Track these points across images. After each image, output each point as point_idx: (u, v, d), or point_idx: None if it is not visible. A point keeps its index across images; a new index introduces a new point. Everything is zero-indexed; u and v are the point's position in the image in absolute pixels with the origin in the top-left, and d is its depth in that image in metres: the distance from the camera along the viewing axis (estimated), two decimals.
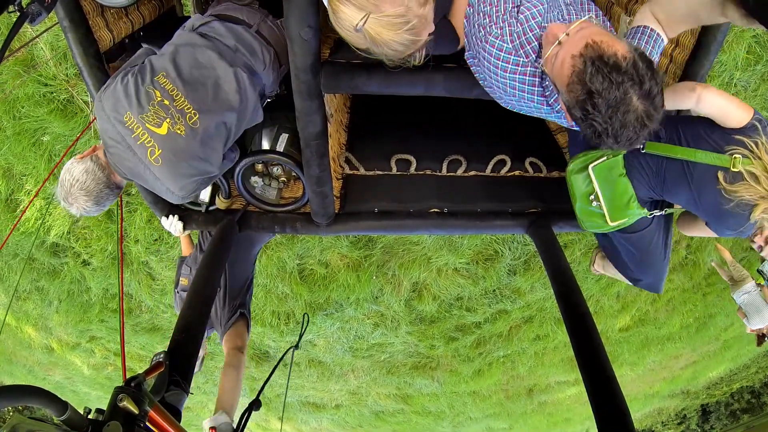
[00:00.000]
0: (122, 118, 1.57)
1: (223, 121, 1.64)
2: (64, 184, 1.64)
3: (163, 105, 1.58)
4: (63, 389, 8.87)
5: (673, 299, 7.10)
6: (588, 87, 1.13)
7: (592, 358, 1.49)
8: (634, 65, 1.12)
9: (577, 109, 1.18)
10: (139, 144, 1.58)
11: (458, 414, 9.11)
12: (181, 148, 1.60)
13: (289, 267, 4.98)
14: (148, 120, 1.57)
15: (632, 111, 1.13)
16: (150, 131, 1.57)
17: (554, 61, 1.22)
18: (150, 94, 1.59)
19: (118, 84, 1.60)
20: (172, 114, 1.58)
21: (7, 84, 3.76)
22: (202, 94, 1.62)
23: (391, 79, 1.56)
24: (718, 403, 16.53)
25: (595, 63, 1.12)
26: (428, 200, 2.16)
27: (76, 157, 1.68)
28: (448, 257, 4.91)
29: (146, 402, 1.07)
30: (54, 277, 5.39)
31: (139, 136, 1.57)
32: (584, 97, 1.15)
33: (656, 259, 1.92)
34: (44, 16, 1.37)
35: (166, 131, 1.58)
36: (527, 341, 6.67)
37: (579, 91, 1.15)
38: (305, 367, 7.04)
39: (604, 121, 1.15)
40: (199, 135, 1.61)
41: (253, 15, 1.84)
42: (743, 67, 3.88)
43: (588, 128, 1.19)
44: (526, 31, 1.35)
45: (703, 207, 1.71)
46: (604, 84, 1.11)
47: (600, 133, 1.17)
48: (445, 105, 2.51)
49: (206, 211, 2.10)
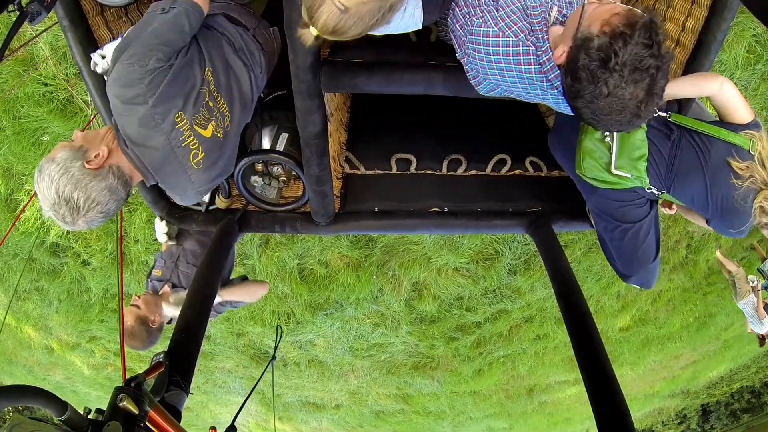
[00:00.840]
0: (173, 118, 1.40)
1: (245, 122, 1.63)
2: (74, 202, 1.31)
3: (208, 107, 1.49)
4: (63, 389, 8.87)
5: (674, 299, 7.10)
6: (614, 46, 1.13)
7: (592, 357, 1.49)
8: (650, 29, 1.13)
9: (587, 69, 1.16)
10: (184, 146, 1.44)
11: (458, 414, 9.11)
12: (219, 151, 1.53)
13: (289, 267, 4.98)
14: (197, 121, 1.45)
15: (646, 75, 1.14)
16: (197, 133, 1.45)
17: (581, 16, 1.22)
18: (202, 95, 1.46)
19: (165, 71, 1.37)
20: (216, 116, 1.51)
21: (7, 83, 3.76)
22: (233, 95, 1.58)
23: (392, 78, 1.55)
24: (718, 402, 16.54)
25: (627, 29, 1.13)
26: (428, 200, 2.16)
27: (84, 165, 1.33)
28: (448, 257, 4.91)
29: (146, 402, 1.07)
30: (54, 277, 5.39)
31: (186, 138, 1.44)
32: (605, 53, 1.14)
33: (649, 256, 1.91)
34: (44, 15, 1.36)
35: (210, 134, 1.49)
36: (527, 341, 6.67)
37: (606, 42, 1.14)
38: (305, 367, 7.04)
39: (616, 85, 1.14)
40: (231, 137, 1.56)
41: (251, 19, 1.83)
42: (743, 67, 3.89)
43: (589, 94, 1.18)
44: (509, 14, 1.38)
45: (712, 200, 1.70)
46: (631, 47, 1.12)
47: (600, 95, 1.16)
48: (445, 104, 2.51)
49: (206, 211, 2.10)
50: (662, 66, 1.15)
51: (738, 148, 1.64)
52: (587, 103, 1.19)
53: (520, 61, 1.37)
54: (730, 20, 1.63)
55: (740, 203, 1.64)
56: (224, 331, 6.19)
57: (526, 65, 1.37)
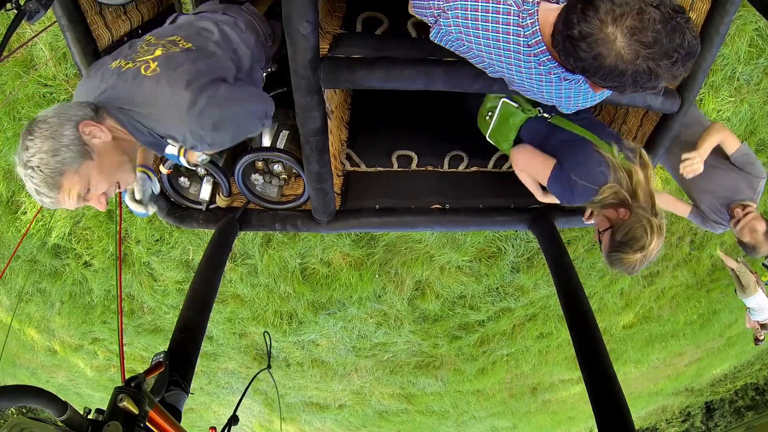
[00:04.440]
0: (110, 65, 1.41)
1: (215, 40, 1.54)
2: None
3: (151, 43, 1.45)
4: (66, 391, 8.88)
5: (677, 296, 7.09)
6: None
7: (592, 357, 1.48)
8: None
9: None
10: (130, 69, 1.37)
11: (462, 413, 9.10)
12: (178, 57, 1.40)
13: (291, 266, 4.98)
14: (140, 55, 1.40)
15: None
16: (143, 60, 1.38)
17: None
18: (136, 43, 1.48)
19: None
20: (163, 44, 1.44)
21: (7, 85, 3.76)
22: (191, 31, 1.54)
23: (392, 74, 1.54)
24: (722, 400, 16.53)
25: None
26: (430, 196, 2.15)
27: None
28: (450, 255, 4.90)
29: (146, 402, 1.06)
30: (56, 278, 5.39)
31: (130, 66, 1.38)
32: None
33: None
34: (42, 13, 1.36)
35: (161, 53, 1.40)
36: (531, 339, 6.66)
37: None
38: (308, 367, 7.03)
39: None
40: (194, 50, 1.45)
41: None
42: (746, 61, 3.87)
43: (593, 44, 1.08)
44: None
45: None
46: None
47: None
48: (446, 100, 2.50)
49: (207, 210, 2.09)
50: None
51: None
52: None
53: (498, 19, 1.26)
54: (732, 13, 1.61)
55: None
56: (226, 332, 6.19)
57: (505, 24, 1.26)
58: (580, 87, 1.36)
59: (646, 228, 1.57)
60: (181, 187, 2.07)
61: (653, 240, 1.58)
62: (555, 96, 1.40)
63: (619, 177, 1.65)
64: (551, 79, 1.33)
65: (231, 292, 5.46)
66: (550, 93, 1.39)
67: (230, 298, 5.53)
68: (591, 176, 1.71)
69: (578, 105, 1.45)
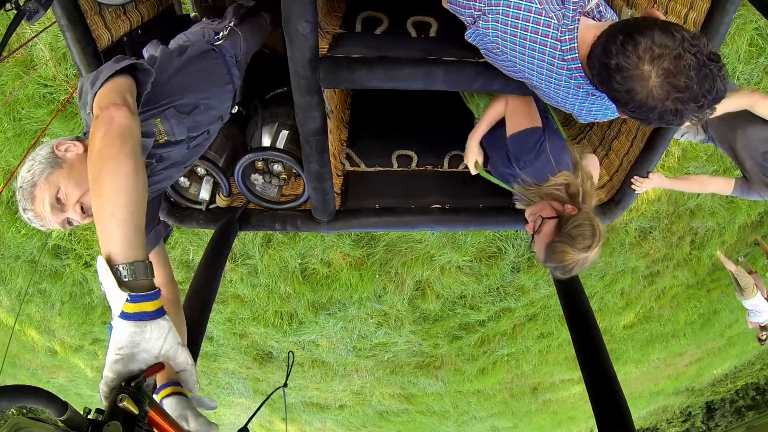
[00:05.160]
0: None
1: None
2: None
3: None
4: (67, 392, 8.89)
5: (678, 296, 7.09)
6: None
7: (592, 357, 1.48)
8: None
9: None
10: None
11: (463, 413, 9.11)
12: None
13: (291, 266, 4.98)
14: None
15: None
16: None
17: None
18: None
19: None
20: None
21: (7, 86, 3.76)
22: None
23: (391, 74, 1.54)
24: (722, 400, 16.53)
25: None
26: (430, 196, 2.14)
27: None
28: (451, 255, 4.90)
29: (146, 402, 1.06)
30: (56, 279, 5.39)
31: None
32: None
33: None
34: (42, 13, 1.36)
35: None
36: (531, 339, 6.66)
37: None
38: (308, 367, 7.04)
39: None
40: None
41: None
42: (746, 60, 3.87)
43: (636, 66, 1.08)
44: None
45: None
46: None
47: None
48: (446, 100, 2.49)
49: (207, 210, 2.09)
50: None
51: None
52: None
53: (538, 30, 1.28)
54: (732, 12, 1.61)
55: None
56: (227, 332, 6.19)
57: (543, 36, 1.28)
58: (603, 102, 1.38)
59: (594, 230, 1.52)
60: (180, 187, 2.07)
61: (597, 246, 1.52)
62: (578, 107, 1.41)
63: (578, 175, 1.64)
64: (579, 93, 1.35)
65: (231, 293, 5.46)
66: (574, 104, 1.40)
67: (230, 298, 5.53)
68: (560, 158, 1.67)
69: (596, 118, 1.46)
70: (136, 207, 0.98)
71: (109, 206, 0.95)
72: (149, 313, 0.95)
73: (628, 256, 5.56)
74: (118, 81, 1.20)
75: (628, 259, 5.62)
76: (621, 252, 5.48)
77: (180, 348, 0.98)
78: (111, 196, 0.95)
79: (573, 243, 1.51)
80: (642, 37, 1.07)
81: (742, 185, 2.52)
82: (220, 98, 1.63)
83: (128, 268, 0.93)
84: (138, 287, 0.94)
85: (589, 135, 2.33)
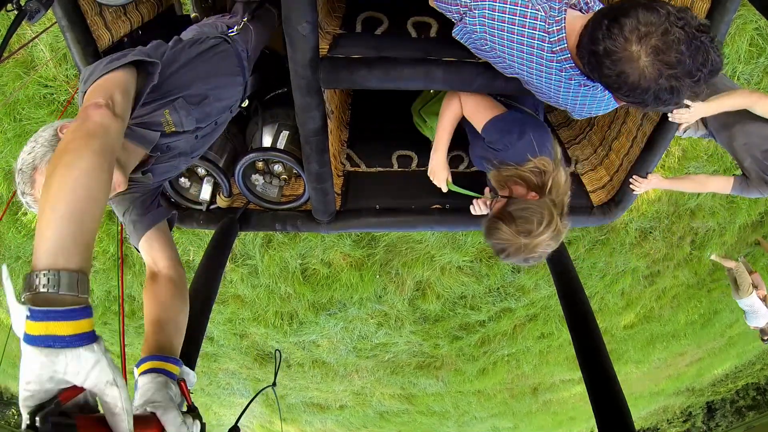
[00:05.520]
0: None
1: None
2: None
3: None
4: None
5: (678, 296, 7.08)
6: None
7: (593, 357, 1.48)
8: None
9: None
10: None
11: (463, 413, 9.10)
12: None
13: (292, 267, 4.98)
14: None
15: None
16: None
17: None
18: None
19: None
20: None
21: (8, 86, 3.76)
22: None
23: (391, 74, 1.54)
24: (723, 400, 16.52)
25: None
26: (430, 196, 2.14)
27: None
28: (451, 255, 4.90)
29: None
30: None
31: None
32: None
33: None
34: (42, 13, 1.36)
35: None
36: (532, 339, 6.66)
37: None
38: (309, 367, 7.03)
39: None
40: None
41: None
42: (746, 60, 3.87)
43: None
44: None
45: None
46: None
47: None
48: None
49: (207, 210, 2.09)
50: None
51: None
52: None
53: (525, 23, 1.26)
54: (732, 12, 1.61)
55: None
56: (227, 333, 6.19)
57: (531, 29, 1.26)
58: (596, 93, 1.36)
59: (543, 218, 1.40)
60: (181, 187, 2.07)
61: (543, 234, 1.40)
62: (571, 101, 1.39)
63: (555, 166, 1.53)
64: (570, 85, 1.33)
65: (231, 293, 5.46)
66: (567, 98, 1.39)
67: (231, 298, 5.53)
68: (543, 145, 1.59)
69: (591, 112, 1.44)
70: (84, 208, 0.82)
71: (53, 199, 0.80)
72: (64, 339, 0.73)
73: (628, 256, 5.57)
74: (111, 77, 1.14)
75: (629, 259, 5.62)
76: (621, 252, 5.48)
77: (109, 388, 0.75)
78: (57, 188, 0.81)
79: (511, 223, 1.42)
80: (626, 18, 1.06)
81: (741, 183, 2.51)
82: (229, 89, 1.62)
83: (49, 277, 0.74)
84: (52, 302, 0.74)
85: (589, 135, 2.33)
